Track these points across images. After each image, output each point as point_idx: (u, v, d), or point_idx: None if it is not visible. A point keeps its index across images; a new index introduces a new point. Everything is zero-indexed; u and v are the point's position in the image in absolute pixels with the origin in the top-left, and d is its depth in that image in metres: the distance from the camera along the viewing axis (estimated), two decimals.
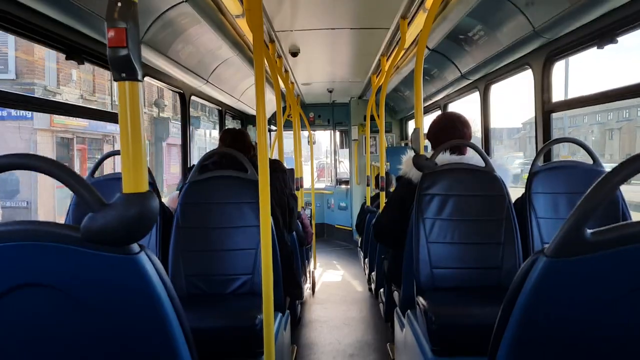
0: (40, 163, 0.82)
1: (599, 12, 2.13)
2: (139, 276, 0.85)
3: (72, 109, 2.72)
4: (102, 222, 0.81)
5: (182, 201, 2.32)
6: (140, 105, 0.88)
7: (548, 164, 2.52)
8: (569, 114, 14.15)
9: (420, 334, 2.06)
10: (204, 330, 1.87)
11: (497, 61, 3.18)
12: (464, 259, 2.17)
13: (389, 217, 2.57)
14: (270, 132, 7.22)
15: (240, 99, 5.31)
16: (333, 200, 8.45)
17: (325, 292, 5.19)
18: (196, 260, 2.29)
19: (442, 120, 2.55)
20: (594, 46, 2.35)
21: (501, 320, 0.89)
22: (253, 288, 2.23)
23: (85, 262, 0.83)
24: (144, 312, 0.87)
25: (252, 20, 1.83)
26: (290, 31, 3.65)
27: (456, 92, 4.51)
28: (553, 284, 0.80)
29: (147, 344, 0.89)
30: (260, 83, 1.77)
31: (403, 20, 3.27)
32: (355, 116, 7.74)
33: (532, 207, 2.39)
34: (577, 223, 0.77)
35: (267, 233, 1.77)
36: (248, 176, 2.33)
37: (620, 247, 0.76)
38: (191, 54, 3.26)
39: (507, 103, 24.08)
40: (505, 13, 2.59)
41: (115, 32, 0.84)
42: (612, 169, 0.77)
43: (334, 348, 3.55)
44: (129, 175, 0.88)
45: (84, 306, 0.85)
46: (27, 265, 0.83)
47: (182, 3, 2.46)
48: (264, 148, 1.78)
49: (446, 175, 2.21)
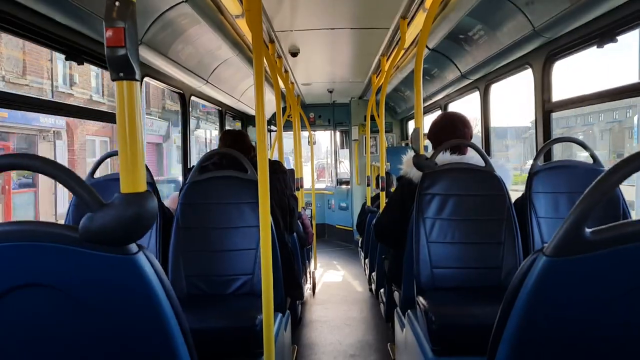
0: (40, 163, 0.83)
1: (599, 12, 2.13)
2: (138, 276, 0.85)
3: (71, 110, 2.72)
4: (100, 222, 0.81)
5: (182, 201, 2.32)
6: (138, 105, 0.88)
7: (548, 163, 2.52)
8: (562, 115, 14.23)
9: (420, 334, 2.05)
10: (204, 330, 1.87)
11: (497, 61, 3.17)
12: (465, 258, 2.16)
13: (389, 217, 2.56)
14: (270, 132, 7.22)
15: (240, 99, 5.31)
16: (333, 201, 8.45)
17: (325, 292, 5.19)
18: (196, 261, 2.29)
19: (442, 120, 2.55)
20: (594, 45, 2.35)
21: (500, 320, 0.89)
22: (253, 288, 2.23)
23: (83, 262, 0.83)
24: (143, 312, 0.87)
25: (251, 20, 1.83)
26: (290, 31, 3.65)
27: (456, 92, 4.51)
28: (552, 283, 0.80)
29: (146, 344, 0.89)
30: (260, 83, 1.76)
31: (403, 20, 3.27)
32: (356, 116, 7.74)
33: (532, 207, 2.39)
34: (577, 222, 0.76)
35: (266, 233, 1.77)
36: (248, 176, 2.33)
37: (619, 246, 0.76)
38: (191, 55, 3.27)
39: (514, 101, 23.63)
40: (505, 12, 2.59)
41: (113, 32, 0.84)
42: (611, 168, 0.77)
43: (335, 348, 3.55)
44: (127, 176, 0.88)
45: (83, 306, 0.85)
46: (26, 266, 0.83)
47: (181, 3, 2.46)
48: (263, 148, 1.78)
49: (446, 175, 2.21)
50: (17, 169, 0.84)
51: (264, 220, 1.76)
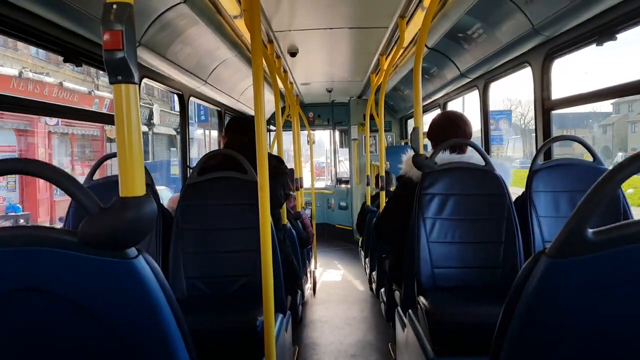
0: (38, 168, 0.82)
1: (598, 9, 2.13)
2: (137, 280, 0.84)
3: (70, 112, 2.72)
4: (98, 226, 0.81)
5: (181, 203, 2.32)
6: (137, 108, 0.88)
7: (548, 162, 2.51)
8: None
9: (421, 333, 2.05)
10: (205, 332, 1.86)
11: (496, 59, 3.17)
12: (465, 258, 2.16)
13: (389, 216, 2.56)
14: (270, 132, 7.22)
15: (239, 99, 5.30)
16: (333, 200, 8.44)
17: (326, 292, 5.19)
18: (197, 262, 2.28)
19: (442, 118, 2.54)
20: (593, 43, 2.34)
21: (503, 320, 0.88)
22: (254, 289, 2.23)
23: (82, 267, 0.83)
24: (143, 316, 0.87)
25: (250, 20, 1.82)
26: (288, 31, 3.64)
27: (455, 91, 4.50)
28: (555, 284, 0.80)
29: (146, 348, 0.89)
30: (259, 83, 1.76)
31: (402, 19, 3.27)
32: (355, 116, 7.73)
33: (532, 206, 2.39)
34: (579, 223, 0.76)
35: (266, 234, 1.76)
36: (248, 177, 2.32)
37: (622, 247, 0.76)
38: (190, 55, 3.26)
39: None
40: (504, 11, 2.58)
41: (110, 35, 0.84)
42: (614, 167, 0.76)
43: (336, 348, 3.55)
44: (126, 179, 0.87)
45: (83, 311, 0.84)
46: (25, 271, 0.83)
47: (180, 4, 2.45)
48: (263, 149, 1.77)
49: (446, 175, 2.20)
50: (17, 173, 0.84)
51: (263, 221, 1.76)
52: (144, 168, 0.92)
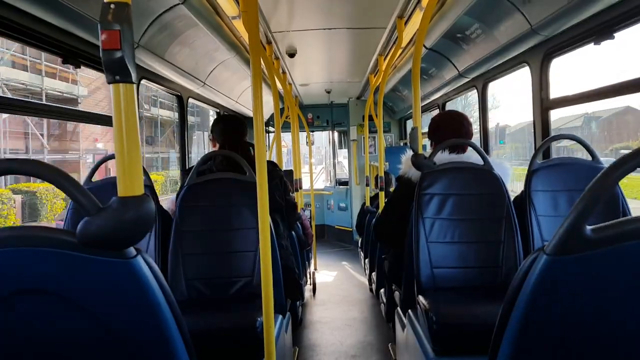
0: (37, 168, 0.82)
1: (595, 9, 2.13)
2: (136, 280, 0.84)
3: (68, 114, 2.71)
4: (97, 226, 0.81)
5: (180, 204, 2.32)
6: (135, 108, 0.88)
7: (547, 161, 2.52)
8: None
9: (421, 334, 2.05)
10: (205, 333, 1.86)
11: (495, 59, 3.17)
12: (465, 258, 2.16)
13: (389, 217, 2.56)
14: (269, 133, 7.22)
15: (238, 100, 5.30)
16: (333, 201, 8.44)
17: (326, 293, 5.19)
18: (196, 263, 2.28)
19: (442, 118, 2.54)
20: (591, 42, 2.35)
21: (502, 319, 0.88)
22: (253, 290, 2.22)
23: (81, 267, 0.83)
24: (142, 316, 0.87)
25: (248, 21, 1.82)
26: (287, 32, 3.64)
27: (454, 91, 4.51)
28: (554, 281, 0.80)
29: (145, 348, 0.89)
30: (258, 84, 1.76)
31: (400, 20, 3.27)
32: (354, 116, 7.73)
33: (531, 205, 2.39)
34: (577, 220, 0.76)
35: (266, 235, 1.76)
36: (246, 178, 2.32)
37: (620, 244, 0.76)
38: (188, 57, 3.26)
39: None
40: (502, 11, 2.58)
41: (108, 35, 0.84)
42: (611, 165, 0.77)
43: (336, 349, 3.54)
44: (124, 179, 0.87)
45: (82, 311, 0.84)
46: (25, 271, 0.83)
47: (178, 5, 2.45)
48: (262, 150, 1.77)
49: (445, 175, 2.20)
50: (15, 173, 0.84)
51: (262, 222, 1.76)
52: (142, 168, 0.92)
